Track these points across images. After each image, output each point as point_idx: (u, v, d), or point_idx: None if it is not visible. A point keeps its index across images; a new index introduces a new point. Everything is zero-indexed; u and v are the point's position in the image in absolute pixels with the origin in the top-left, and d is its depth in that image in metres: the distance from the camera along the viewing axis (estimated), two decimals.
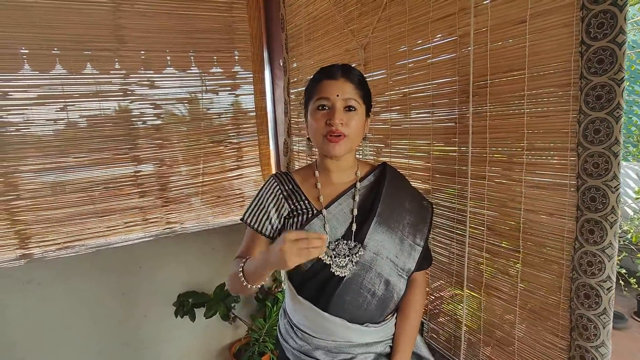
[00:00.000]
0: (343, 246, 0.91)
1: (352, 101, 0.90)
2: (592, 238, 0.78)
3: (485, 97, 0.99)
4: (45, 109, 1.78)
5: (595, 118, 0.74)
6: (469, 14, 0.99)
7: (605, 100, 0.72)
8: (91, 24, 1.84)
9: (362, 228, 0.93)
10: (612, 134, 0.72)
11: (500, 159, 0.98)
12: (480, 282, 1.09)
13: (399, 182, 1.02)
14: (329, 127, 0.89)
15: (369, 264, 0.92)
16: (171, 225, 2.17)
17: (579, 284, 0.82)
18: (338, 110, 0.89)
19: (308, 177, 1.01)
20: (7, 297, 1.76)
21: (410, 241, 0.96)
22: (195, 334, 2.21)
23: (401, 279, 0.96)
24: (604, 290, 0.77)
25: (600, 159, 0.74)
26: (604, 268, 0.77)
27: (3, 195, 1.76)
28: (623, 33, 0.68)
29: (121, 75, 1.93)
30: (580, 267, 0.81)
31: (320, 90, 0.91)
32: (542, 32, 0.83)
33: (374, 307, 0.94)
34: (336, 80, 0.90)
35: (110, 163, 1.96)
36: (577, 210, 0.81)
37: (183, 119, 2.14)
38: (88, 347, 1.95)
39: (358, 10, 1.44)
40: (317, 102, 0.91)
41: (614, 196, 0.73)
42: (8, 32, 1.70)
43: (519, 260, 0.96)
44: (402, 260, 0.95)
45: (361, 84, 0.94)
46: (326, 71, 0.93)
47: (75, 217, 1.91)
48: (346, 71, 0.92)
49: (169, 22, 2.01)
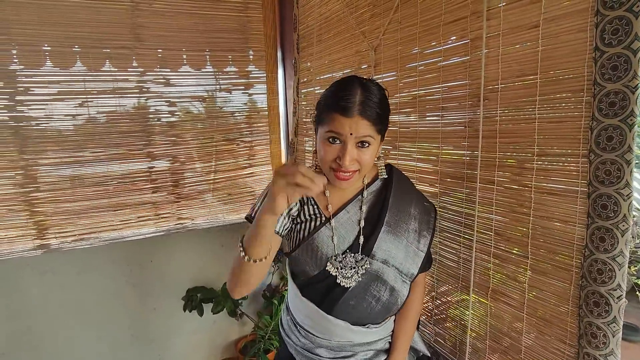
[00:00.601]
0: (350, 258, 0.91)
1: (366, 137, 0.82)
2: (602, 246, 0.77)
3: (496, 101, 0.98)
4: (65, 105, 1.83)
5: (608, 125, 0.73)
6: (481, 18, 0.99)
7: (618, 108, 0.71)
8: (110, 23, 1.88)
9: (370, 239, 0.92)
10: (625, 142, 0.71)
11: (510, 164, 0.97)
12: (488, 288, 1.08)
13: (405, 186, 1.01)
14: (338, 164, 0.83)
15: (376, 273, 0.92)
16: (182, 221, 2.21)
17: (588, 291, 0.81)
18: (349, 150, 0.81)
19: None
20: (25, 285, 1.82)
21: (414, 247, 0.96)
22: (203, 329, 2.24)
23: (405, 285, 0.96)
24: (614, 299, 0.76)
25: (612, 166, 0.73)
26: (614, 276, 0.75)
27: (23, 187, 1.82)
28: (638, 40, 0.67)
29: (138, 73, 1.97)
30: (590, 274, 0.80)
31: (331, 123, 0.81)
32: (556, 37, 0.82)
33: (377, 312, 0.95)
34: (351, 119, 0.79)
35: (125, 158, 2.00)
36: (587, 218, 0.80)
37: (197, 117, 2.18)
38: (101, 337, 2.00)
39: (370, 12, 1.44)
40: (327, 133, 0.82)
41: (625, 204, 0.72)
42: (32, 30, 1.75)
43: (527, 267, 0.95)
44: (406, 266, 0.95)
45: (379, 118, 0.83)
46: (341, 104, 0.80)
47: (91, 210, 1.96)
48: (364, 105, 0.80)
49: (186, 21, 2.04)
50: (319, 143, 0.87)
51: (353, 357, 0.96)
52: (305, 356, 0.98)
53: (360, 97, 0.80)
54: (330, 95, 0.84)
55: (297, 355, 1.00)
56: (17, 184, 1.80)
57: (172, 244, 2.13)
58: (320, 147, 0.86)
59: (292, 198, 0.70)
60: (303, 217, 0.94)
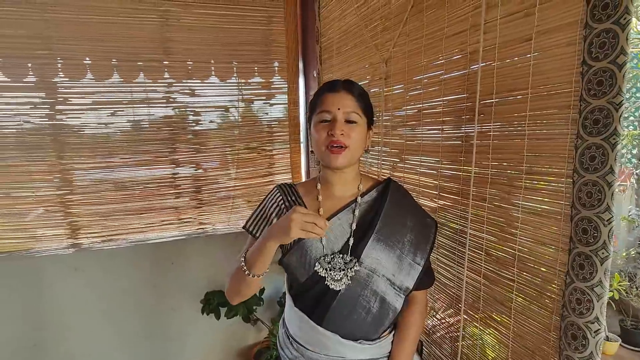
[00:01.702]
0: (339, 260, 0.91)
1: (353, 114, 0.92)
2: (581, 274, 0.72)
3: (490, 115, 0.95)
4: (99, 114, 1.99)
5: (591, 144, 0.69)
6: (479, 31, 0.96)
7: (602, 125, 0.67)
8: (142, 38, 2.03)
9: (359, 244, 0.92)
10: (607, 162, 0.66)
11: (501, 181, 0.93)
12: (478, 309, 1.03)
13: (402, 198, 1.00)
14: (330, 138, 0.90)
15: (364, 281, 0.91)
16: (203, 226, 2.30)
17: (567, 322, 0.76)
18: (339, 122, 0.90)
19: (311, 190, 1.01)
20: (57, 280, 1.99)
21: (409, 260, 0.94)
22: (219, 332, 2.30)
23: (398, 298, 0.94)
24: (591, 333, 0.70)
25: (593, 187, 0.69)
26: (592, 308, 0.70)
27: (60, 189, 1.99)
28: (624, 54, 0.63)
29: (165, 84, 2.10)
30: (569, 304, 0.75)
31: (322, 103, 0.93)
32: (547, 50, 0.79)
33: (368, 324, 0.93)
34: (337, 93, 0.92)
35: (151, 164, 2.13)
36: (570, 242, 0.75)
37: (220, 126, 2.27)
38: (122, 333, 2.12)
39: (382, 25, 1.45)
40: (319, 115, 0.93)
41: (605, 230, 0.67)
42: (74, 45, 1.92)
43: (513, 290, 0.90)
44: (399, 278, 0.93)
45: (362, 97, 0.95)
46: (328, 85, 0.96)
47: (118, 212, 2.10)
48: (347, 85, 0.94)
49: (212, 35, 2.15)
50: (312, 131, 0.95)
51: None
52: None
53: (343, 81, 0.96)
54: (319, 88, 0.99)
55: None
56: (55, 186, 1.97)
57: (192, 248, 2.23)
58: (314, 132, 0.94)
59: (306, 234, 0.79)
60: None
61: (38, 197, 1.93)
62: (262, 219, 1.01)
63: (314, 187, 1.02)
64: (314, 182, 1.03)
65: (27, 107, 1.86)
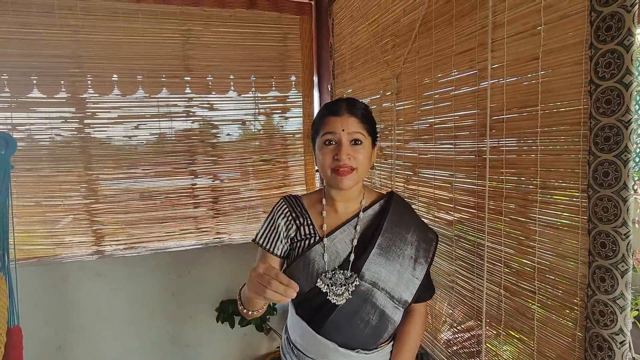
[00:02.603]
0: (339, 275, 0.93)
1: (357, 134, 0.93)
2: (603, 286, 0.73)
3: (502, 131, 0.97)
4: (123, 127, 2.09)
5: (604, 160, 0.71)
6: (487, 48, 0.99)
7: (613, 142, 0.69)
8: (165, 55, 2.13)
9: (360, 258, 0.94)
10: (620, 178, 0.68)
11: (516, 195, 0.95)
12: (500, 320, 1.04)
13: (403, 213, 1.02)
14: (336, 162, 0.91)
15: (364, 295, 0.94)
16: (220, 236, 2.36)
17: (592, 334, 0.77)
18: (344, 146, 0.91)
19: (315, 204, 1.04)
20: (81, 285, 2.06)
21: (409, 274, 0.96)
22: (234, 341, 2.34)
23: (397, 311, 0.97)
24: (617, 344, 0.71)
25: (609, 203, 0.70)
26: (616, 320, 0.71)
27: (86, 198, 2.08)
28: (630, 74, 0.65)
29: (185, 99, 2.19)
30: (593, 316, 0.76)
31: (325, 125, 0.94)
32: (555, 69, 0.81)
33: (366, 335, 0.95)
34: (340, 117, 0.93)
35: (171, 175, 2.21)
36: (589, 255, 0.76)
37: (237, 138, 2.34)
38: (143, 339, 2.18)
39: (392, 42, 1.49)
40: (323, 137, 0.93)
41: (624, 244, 0.68)
42: (103, 63, 2.03)
43: (535, 302, 0.92)
44: (398, 291, 0.96)
45: (365, 117, 0.96)
46: (330, 107, 0.96)
47: (140, 221, 2.18)
48: (350, 106, 0.95)
49: (230, 51, 2.24)
50: (317, 154, 0.97)
51: None
52: None
53: (346, 102, 0.96)
54: (321, 109, 1.01)
55: None
56: (82, 195, 2.06)
57: (209, 257, 2.28)
58: (319, 155, 0.95)
59: (267, 297, 0.70)
60: (300, 236, 0.99)
61: (66, 206, 2.03)
62: (271, 232, 1.02)
63: (318, 201, 1.04)
64: (319, 196, 1.05)
65: (58, 121, 1.97)
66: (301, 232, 1.00)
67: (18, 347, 1.34)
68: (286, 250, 1.01)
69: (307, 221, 1.01)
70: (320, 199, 1.04)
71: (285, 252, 1.01)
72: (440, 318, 1.33)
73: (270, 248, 1.01)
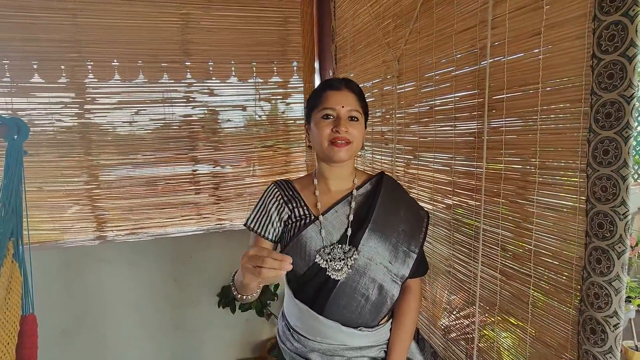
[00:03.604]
0: (338, 250, 0.94)
1: (354, 112, 0.96)
2: (599, 268, 0.71)
3: (502, 111, 0.94)
4: (123, 113, 2.08)
5: (604, 137, 0.68)
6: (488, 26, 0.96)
7: (614, 119, 0.66)
8: (165, 40, 2.10)
9: (357, 233, 0.95)
10: (620, 156, 0.65)
11: (514, 177, 0.93)
12: (494, 304, 1.03)
13: (395, 191, 1.04)
14: (334, 134, 0.93)
15: (362, 269, 0.95)
16: (221, 222, 2.36)
17: (586, 316, 0.75)
18: (343, 119, 0.94)
19: (307, 185, 1.05)
20: (85, 270, 2.08)
21: (404, 248, 0.98)
22: (236, 326, 2.36)
23: (395, 285, 0.97)
24: (610, 327, 0.70)
25: (608, 182, 0.68)
26: (611, 302, 0.69)
27: (87, 184, 2.09)
28: (634, 46, 0.62)
29: (185, 84, 2.17)
30: (587, 298, 0.74)
31: (325, 100, 0.96)
32: (556, 44, 0.78)
33: (367, 312, 0.96)
34: (340, 92, 0.96)
35: (172, 162, 2.20)
36: (586, 237, 0.74)
37: (238, 124, 2.33)
38: (146, 324, 2.20)
39: (394, 23, 1.46)
40: (322, 111, 0.95)
41: (621, 224, 0.66)
42: (103, 48, 2.02)
43: (530, 285, 0.90)
44: (396, 266, 0.97)
45: (361, 96, 1.00)
46: (330, 83, 0.99)
47: (141, 207, 2.19)
48: (349, 84, 0.99)
49: (230, 35, 2.21)
50: (313, 128, 0.97)
51: None
52: None
53: (343, 79, 1.00)
54: (319, 85, 1.03)
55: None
56: (83, 181, 2.07)
57: (210, 243, 2.29)
58: (315, 128, 0.96)
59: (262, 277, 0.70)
60: (294, 218, 1.00)
61: (68, 191, 2.04)
62: (262, 216, 1.02)
63: (310, 182, 1.05)
64: (310, 178, 1.06)
65: (58, 106, 1.97)
66: (295, 214, 1.00)
67: (32, 336, 1.35)
68: (278, 233, 1.01)
69: (300, 203, 1.01)
70: (311, 180, 1.05)
71: (277, 236, 1.02)
72: (439, 305, 1.32)
73: (261, 232, 1.01)
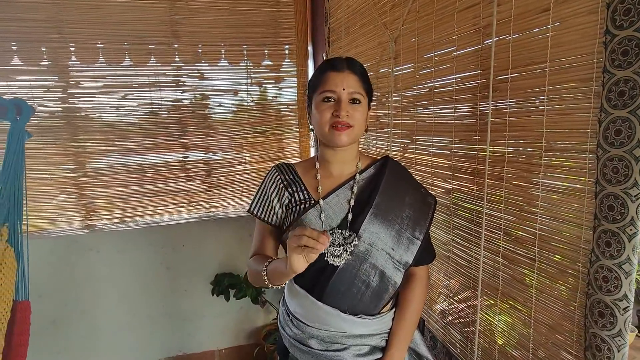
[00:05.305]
0: (338, 235, 0.91)
1: (356, 94, 0.92)
2: (608, 251, 0.70)
3: (506, 92, 0.92)
4: (109, 97, 2.00)
5: (617, 117, 0.66)
6: (493, 2, 0.93)
7: (628, 97, 0.64)
8: (151, 21, 2.02)
9: (358, 218, 0.92)
10: (633, 136, 0.63)
11: (518, 160, 0.91)
12: (497, 289, 1.02)
13: (400, 175, 1.00)
14: (335, 118, 0.90)
15: (363, 255, 0.92)
16: (214, 209, 2.32)
17: (593, 300, 0.74)
18: (344, 102, 0.90)
19: (309, 169, 1.02)
20: (74, 259, 2.04)
21: (408, 234, 0.95)
22: (231, 314, 2.35)
23: (397, 272, 0.95)
24: (620, 310, 0.69)
25: (620, 163, 0.66)
26: (621, 285, 0.68)
27: (74, 171, 2.02)
28: None
29: (174, 68, 2.10)
30: (595, 282, 0.73)
31: (325, 82, 0.92)
32: (566, 20, 0.75)
33: (368, 298, 0.94)
34: (341, 72, 0.91)
35: (162, 148, 2.14)
36: (594, 219, 0.73)
37: (229, 110, 2.27)
38: (138, 312, 2.18)
39: (391, 2, 1.41)
40: (322, 94, 0.91)
41: (633, 206, 0.64)
42: (87, 29, 1.92)
43: (534, 269, 0.89)
44: (399, 253, 0.94)
45: (364, 77, 0.95)
46: (331, 63, 0.94)
47: (131, 195, 2.13)
48: (351, 64, 0.94)
49: (219, 16, 2.13)
50: (314, 110, 0.94)
51: (345, 350, 0.95)
52: (297, 348, 0.98)
53: (346, 59, 0.95)
54: (321, 65, 0.98)
55: (291, 347, 1.01)
56: (69, 169, 2.00)
57: (203, 231, 2.26)
58: (316, 111, 0.93)
59: (308, 258, 0.77)
60: (294, 202, 0.97)
61: (53, 179, 1.97)
62: (264, 201, 1.01)
63: (312, 166, 1.02)
64: (312, 162, 1.04)
65: (40, 90, 1.88)
66: (295, 198, 0.97)
67: (25, 323, 1.31)
68: (281, 218, 0.99)
69: (300, 187, 0.98)
70: (313, 163, 1.02)
71: (280, 220, 1.00)
72: (437, 289, 1.31)
73: (264, 217, 1.00)
